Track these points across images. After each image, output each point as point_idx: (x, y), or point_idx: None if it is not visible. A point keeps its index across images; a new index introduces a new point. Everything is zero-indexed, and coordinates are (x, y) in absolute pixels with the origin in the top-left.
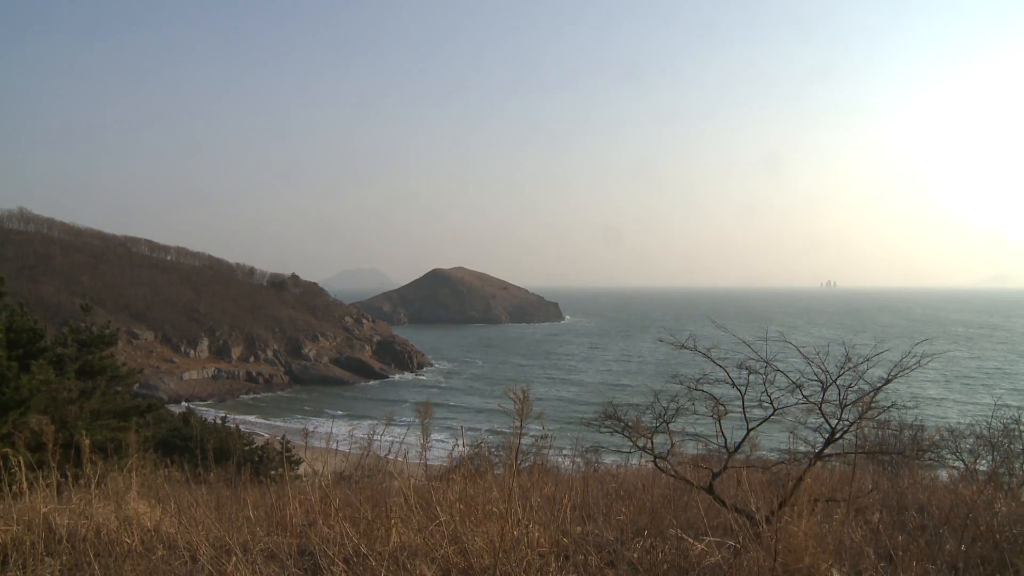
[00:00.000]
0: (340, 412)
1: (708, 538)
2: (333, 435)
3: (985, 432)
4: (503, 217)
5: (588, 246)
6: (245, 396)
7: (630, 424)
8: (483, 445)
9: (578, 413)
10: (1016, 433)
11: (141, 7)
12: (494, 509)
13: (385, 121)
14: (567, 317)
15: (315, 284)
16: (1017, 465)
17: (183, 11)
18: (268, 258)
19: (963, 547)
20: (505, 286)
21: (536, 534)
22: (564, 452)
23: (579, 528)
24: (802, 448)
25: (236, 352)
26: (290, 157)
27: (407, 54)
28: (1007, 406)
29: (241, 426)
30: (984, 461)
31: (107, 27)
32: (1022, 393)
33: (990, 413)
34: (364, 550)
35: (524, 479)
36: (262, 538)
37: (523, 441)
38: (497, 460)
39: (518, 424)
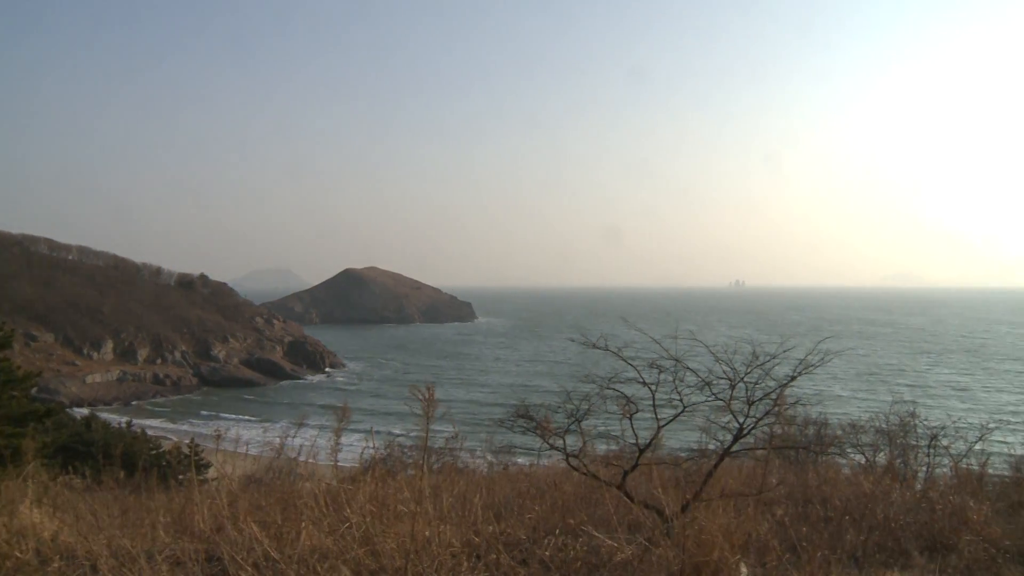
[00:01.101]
0: (251, 414)
1: (620, 535)
2: (243, 438)
3: (884, 426)
4: (418, 217)
5: (501, 246)
6: (152, 399)
7: (542, 423)
8: (394, 446)
9: (490, 414)
10: (912, 427)
11: None
12: (405, 509)
13: (297, 118)
14: (480, 317)
15: (224, 284)
16: (913, 457)
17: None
18: (175, 258)
19: (863, 536)
20: (418, 286)
21: (448, 534)
22: (476, 452)
23: (491, 527)
24: (711, 445)
25: (142, 354)
26: (201, 154)
27: (296, 52)
28: (904, 401)
29: (147, 430)
30: (883, 454)
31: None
32: (919, 388)
33: (888, 408)
34: (274, 554)
35: (435, 479)
36: (168, 544)
37: (435, 442)
38: (409, 461)
39: (426, 424)
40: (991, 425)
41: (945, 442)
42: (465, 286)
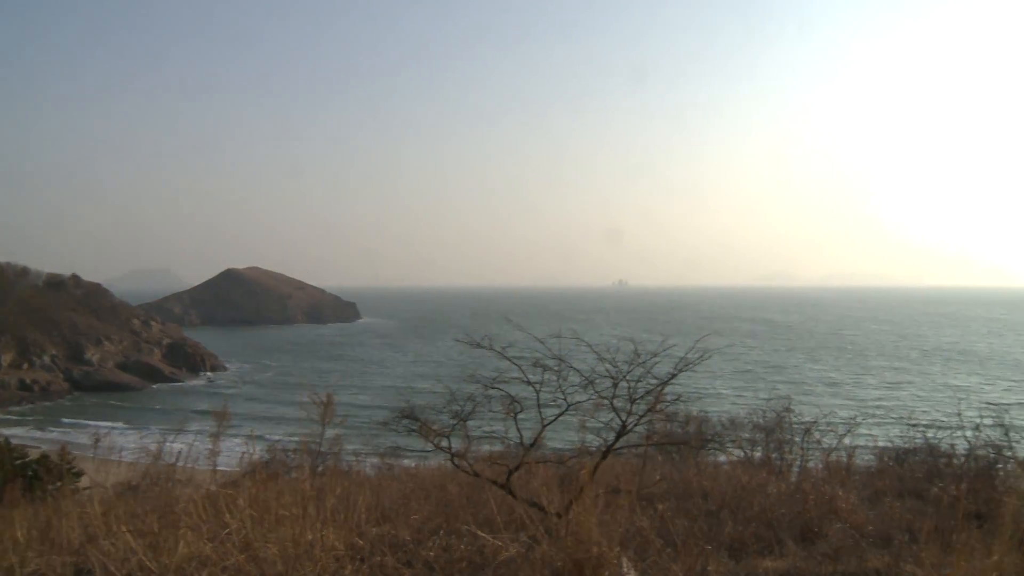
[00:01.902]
0: (125, 420)
1: (504, 534)
2: (118, 444)
3: (761, 422)
4: (301, 217)
5: (385, 246)
6: (17, 406)
7: (427, 424)
8: (277, 449)
9: (375, 416)
10: (787, 422)
11: None
12: (287, 513)
13: (182, 113)
14: (364, 318)
15: (99, 285)
16: (788, 450)
17: None
18: (44, 258)
19: (740, 528)
20: (301, 286)
21: (331, 537)
22: (361, 454)
23: (376, 529)
24: (595, 443)
25: (6, 359)
26: (78, 144)
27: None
28: (779, 397)
29: (12, 439)
30: (760, 448)
31: None
32: (794, 385)
33: (765, 404)
34: (149, 564)
35: (319, 482)
36: (33, 559)
37: (319, 444)
38: (292, 464)
39: (323, 429)
40: (858, 419)
41: (817, 435)
42: (350, 286)
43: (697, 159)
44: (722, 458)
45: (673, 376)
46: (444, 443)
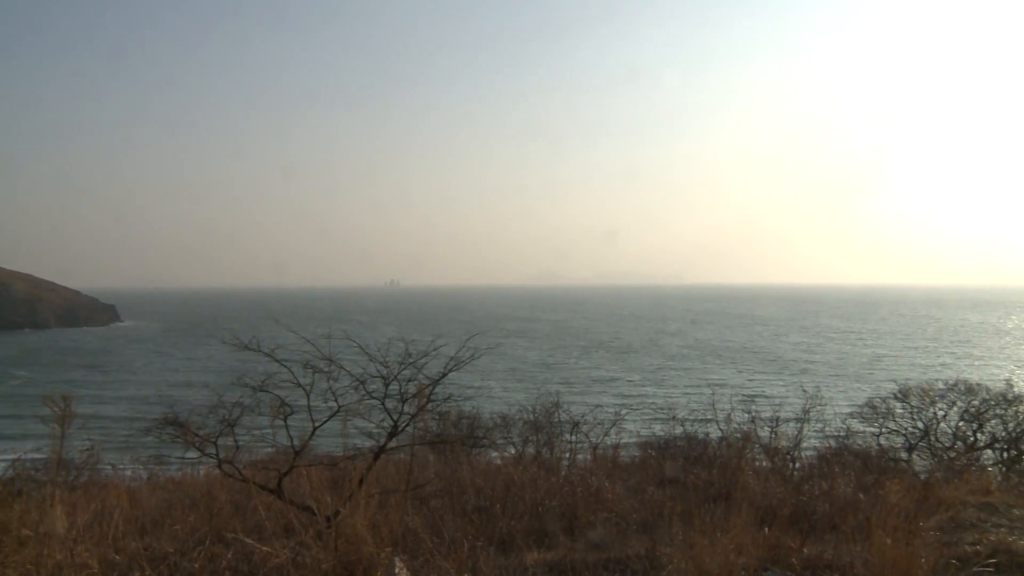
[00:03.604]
0: None
1: (274, 540)
2: None
3: (531, 418)
4: (42, 211)
5: (140, 243)
6: None
7: (192, 429)
8: (20, 465)
9: (136, 424)
10: (556, 417)
11: None
12: (31, 533)
13: None
14: (126, 321)
15: None
16: (558, 445)
17: None
18: None
19: (512, 522)
20: (53, 287)
21: (83, 555)
22: (121, 464)
23: (135, 543)
24: (367, 443)
25: None
26: None
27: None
28: (549, 394)
29: None
30: (530, 444)
31: None
32: (563, 382)
33: (535, 401)
34: None
35: (71, 496)
36: None
37: (73, 456)
38: (44, 480)
39: (61, 438)
40: (624, 413)
41: (585, 430)
42: (109, 287)
43: (478, 160)
44: (494, 455)
45: (444, 375)
46: (211, 449)
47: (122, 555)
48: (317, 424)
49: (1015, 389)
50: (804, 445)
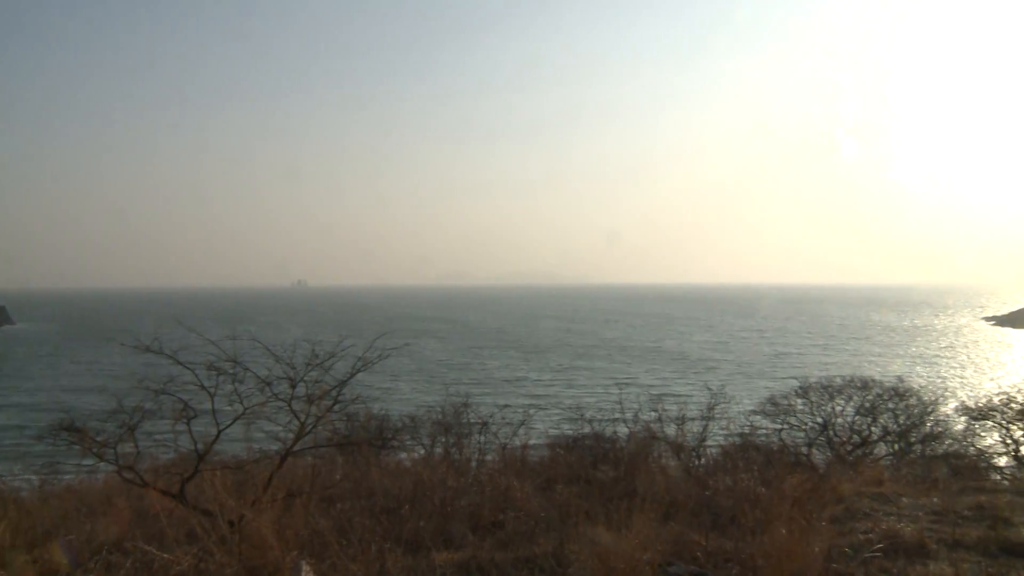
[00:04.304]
0: None
1: (177, 546)
2: None
3: (440, 418)
4: None
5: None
6: None
7: (92, 435)
8: None
9: (30, 431)
10: (465, 417)
11: None
12: None
13: None
14: (18, 323)
15: None
16: (467, 444)
17: None
18: None
19: (421, 523)
20: None
21: None
22: (10, 475)
23: (23, 556)
24: (274, 445)
25: None
26: None
27: None
28: (459, 395)
29: None
30: (440, 444)
31: None
32: (473, 382)
33: (444, 401)
34: None
35: None
36: None
37: None
38: None
39: None
40: (532, 412)
41: (494, 429)
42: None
43: (376, 159)
44: (403, 456)
45: (351, 376)
46: (110, 455)
47: (9, 570)
48: (222, 427)
49: (905, 384)
50: (709, 442)
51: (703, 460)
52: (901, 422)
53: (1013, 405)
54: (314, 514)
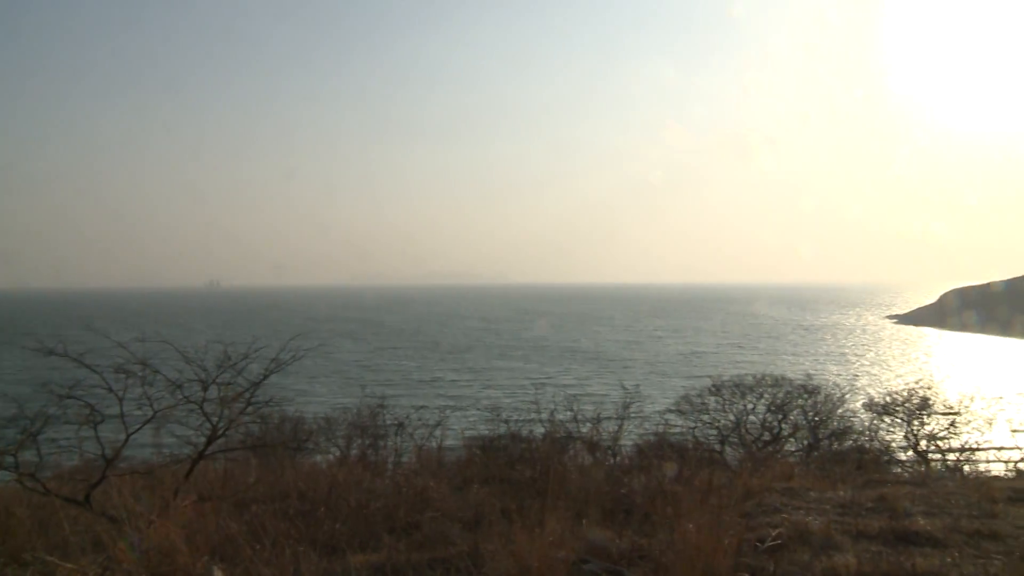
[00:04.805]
0: None
1: (82, 556)
2: None
3: (356, 419)
4: None
5: None
6: None
7: None
8: None
9: None
10: (381, 417)
11: None
12: None
13: None
14: None
15: None
16: (383, 445)
17: None
18: None
19: (338, 525)
20: None
21: None
22: None
23: None
24: (186, 449)
25: None
26: None
27: None
28: (374, 396)
29: None
30: (355, 445)
31: None
32: (390, 383)
33: (360, 402)
34: None
35: None
36: None
37: None
38: None
39: None
40: (448, 412)
41: (411, 430)
42: None
43: (296, 158)
44: (319, 458)
45: (265, 377)
46: (10, 462)
47: None
48: (131, 431)
49: (814, 381)
50: (624, 440)
51: (618, 458)
52: (810, 418)
53: (913, 401)
54: (226, 518)
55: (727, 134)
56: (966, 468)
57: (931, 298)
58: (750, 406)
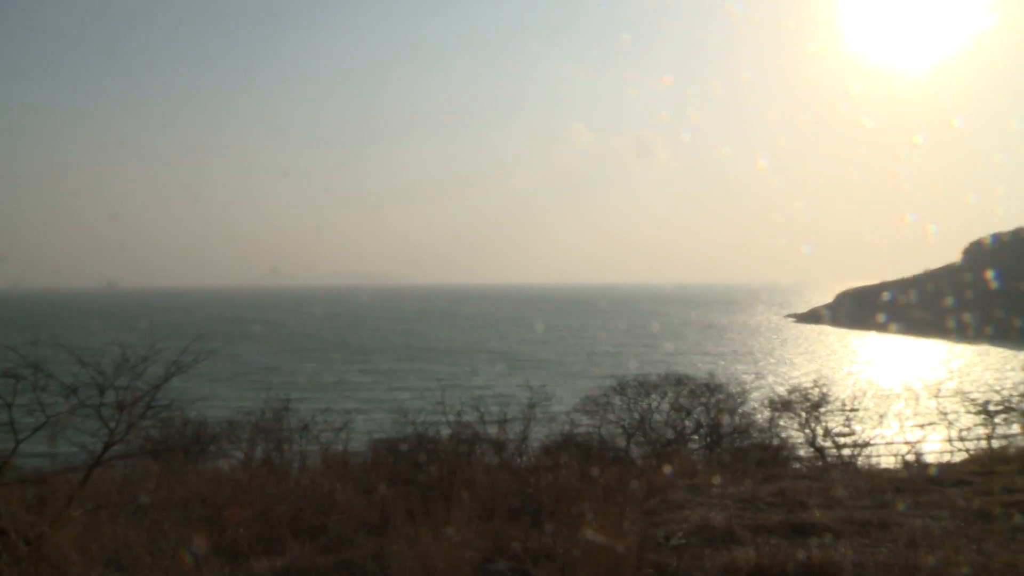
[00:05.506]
0: None
1: None
2: None
3: (259, 422)
4: None
5: None
6: None
7: None
8: None
9: None
10: (285, 420)
11: None
12: None
13: None
14: None
15: None
16: (288, 448)
17: None
18: None
19: (242, 529)
20: None
21: None
22: None
23: None
24: (81, 455)
25: None
26: None
27: None
28: (279, 397)
29: None
30: (260, 448)
31: None
32: (295, 385)
33: (264, 404)
34: None
35: None
36: None
37: None
38: None
39: None
40: (354, 413)
41: (316, 432)
42: None
43: (198, 158)
44: (222, 461)
45: (165, 380)
46: None
47: None
48: (21, 438)
49: (716, 379)
50: (531, 439)
51: (525, 458)
52: (712, 416)
53: (810, 398)
54: (124, 526)
55: (634, 134)
56: (860, 462)
57: (828, 298)
58: (655, 404)
